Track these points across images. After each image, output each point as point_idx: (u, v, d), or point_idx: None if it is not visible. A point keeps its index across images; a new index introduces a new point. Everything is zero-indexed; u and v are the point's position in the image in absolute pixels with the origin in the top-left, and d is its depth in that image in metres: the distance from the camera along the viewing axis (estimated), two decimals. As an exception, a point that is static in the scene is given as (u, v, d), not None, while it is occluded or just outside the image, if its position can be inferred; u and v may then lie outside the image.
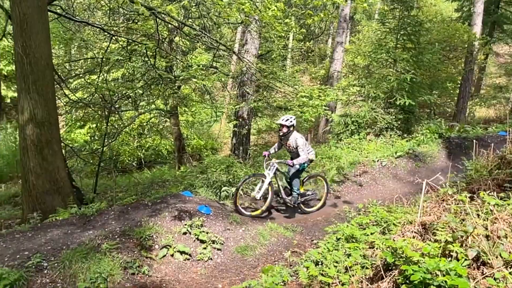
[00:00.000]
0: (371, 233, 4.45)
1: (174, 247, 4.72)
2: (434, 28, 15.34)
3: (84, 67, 14.60)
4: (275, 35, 9.40)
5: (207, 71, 9.70)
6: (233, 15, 7.73)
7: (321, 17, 6.65)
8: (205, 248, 4.85)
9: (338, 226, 4.84)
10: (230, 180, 7.34)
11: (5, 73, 16.77)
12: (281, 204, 7.11)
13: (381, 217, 4.79)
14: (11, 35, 8.42)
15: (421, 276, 2.70)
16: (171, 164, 14.81)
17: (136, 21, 11.42)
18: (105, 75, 8.97)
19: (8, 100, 18.52)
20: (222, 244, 5.04)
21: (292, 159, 6.54)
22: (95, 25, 8.37)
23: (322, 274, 3.68)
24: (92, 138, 13.73)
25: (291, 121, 6.48)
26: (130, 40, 9.83)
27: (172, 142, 15.40)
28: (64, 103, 9.06)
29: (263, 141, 17.09)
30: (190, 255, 4.73)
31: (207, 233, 5.05)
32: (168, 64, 11.93)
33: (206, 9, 10.28)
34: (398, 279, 3.00)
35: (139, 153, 15.33)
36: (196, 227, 5.04)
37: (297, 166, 6.53)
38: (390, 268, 3.27)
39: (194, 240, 4.94)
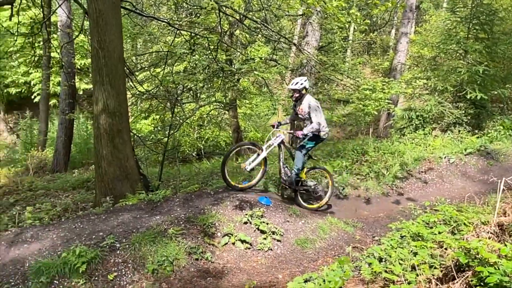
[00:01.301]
0: (439, 232, 4.25)
1: (236, 236, 4.83)
2: (509, 18, 14.17)
3: (149, 61, 15.29)
4: (337, 26, 9.19)
5: (266, 64, 9.72)
6: (295, 7, 7.68)
7: (388, 6, 6.39)
8: (265, 239, 4.90)
9: (402, 223, 4.68)
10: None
11: (78, 67, 17.94)
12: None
13: (450, 216, 4.56)
14: (86, 31, 9.05)
15: (498, 278, 2.54)
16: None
17: (199, 15, 11.75)
18: (170, 68, 9.32)
19: (81, 92, 19.90)
20: (282, 235, 5.07)
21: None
22: (162, 19, 8.72)
23: (386, 271, 3.58)
24: (156, 128, 14.39)
25: (301, 83, 5.86)
26: (193, 34, 10.13)
27: (230, 134, 15.73)
28: (132, 95, 9.57)
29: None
30: (250, 244, 4.82)
31: (267, 223, 5.10)
32: (228, 57, 12.14)
33: (266, 1, 10.31)
34: (472, 280, 2.85)
35: (199, 144, 15.80)
36: (256, 217, 5.11)
37: (310, 134, 5.82)
38: (462, 269, 3.11)
39: (255, 230, 5.02)
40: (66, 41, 10.57)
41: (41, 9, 7.63)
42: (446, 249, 3.78)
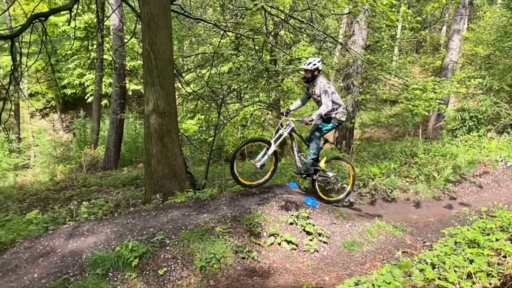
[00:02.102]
0: (497, 239, 4.02)
1: (281, 236, 4.83)
2: None
3: (195, 62, 15.64)
4: (385, 25, 8.95)
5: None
6: (342, 5, 7.56)
7: (442, 3, 6.13)
8: (311, 240, 4.86)
9: (456, 229, 4.48)
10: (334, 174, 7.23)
11: (128, 68, 18.69)
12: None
13: (509, 222, 4.30)
14: (136, 34, 9.40)
15: None
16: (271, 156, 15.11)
17: (244, 16, 11.87)
18: (216, 69, 9.48)
19: (130, 93, 20.70)
20: (328, 237, 5.01)
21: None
22: (208, 21, 8.88)
23: (440, 278, 3.44)
24: (201, 128, 14.70)
25: (314, 64, 5.58)
26: (238, 35, 10.25)
27: (273, 134, 15.73)
28: (179, 95, 9.83)
29: (368, 136, 16.50)
30: (296, 245, 4.80)
31: (313, 225, 5.06)
32: (273, 57, 12.17)
33: (311, 1, 10.23)
34: (534, 291, 2.68)
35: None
36: (302, 218, 5.08)
37: (318, 121, 5.58)
38: (524, 279, 2.94)
39: (301, 231, 4.99)
40: (118, 44, 11.02)
41: (96, 14, 8.00)
42: (504, 257, 3.58)
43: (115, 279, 4.03)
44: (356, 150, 10.31)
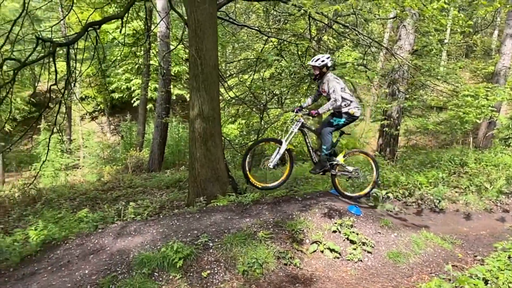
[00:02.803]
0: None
1: (324, 244, 4.76)
2: None
3: (237, 67, 15.83)
4: (434, 29, 8.65)
5: (356, 69, 9.49)
6: (389, 9, 7.39)
7: (497, 7, 5.84)
8: (355, 249, 4.77)
9: (510, 243, 4.24)
10: (379, 182, 7.05)
11: (173, 74, 19.22)
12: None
13: None
14: (182, 40, 9.66)
15: None
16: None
17: (287, 21, 11.89)
18: (259, 74, 9.54)
19: (174, 97, 21.28)
20: (373, 247, 4.88)
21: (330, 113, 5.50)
22: (253, 27, 8.98)
23: (494, 295, 3.27)
24: (242, 132, 14.82)
25: (322, 61, 5.48)
26: (281, 40, 10.28)
27: (314, 140, 15.63)
28: (222, 100, 9.97)
29: (413, 143, 15.99)
30: (339, 254, 4.72)
31: (357, 234, 4.96)
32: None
33: (356, 5, 10.05)
34: None
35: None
36: (346, 226, 4.99)
37: (329, 116, 5.46)
38: None
39: (344, 240, 4.90)
40: (165, 50, 11.37)
41: (145, 22, 8.31)
42: None
43: (160, 279, 4.13)
44: (400, 158, 10.01)
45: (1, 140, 15.22)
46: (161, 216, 5.99)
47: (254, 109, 10.38)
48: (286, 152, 5.60)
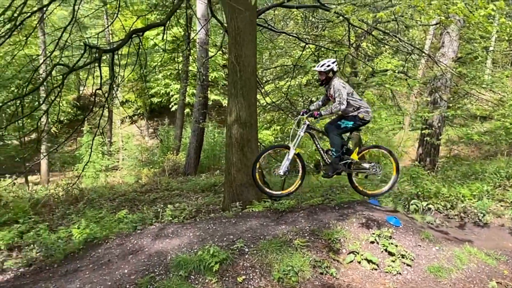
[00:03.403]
0: None
1: (362, 255, 4.66)
2: None
3: (274, 74, 15.87)
4: (480, 36, 8.33)
5: (396, 76, 9.28)
6: (433, 16, 7.17)
7: (551, 10, 5.54)
8: (393, 261, 4.63)
9: None
10: (419, 193, 6.83)
11: (210, 79, 19.52)
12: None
13: None
14: (222, 47, 9.83)
15: None
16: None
17: (325, 28, 11.82)
18: (297, 80, 9.53)
19: (210, 102, 21.60)
20: (413, 260, 4.73)
21: (339, 115, 5.29)
22: (291, 34, 8.99)
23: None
24: (277, 138, 14.81)
25: (328, 66, 5.30)
26: (318, 47, 10.23)
27: (350, 147, 15.34)
28: (258, 106, 10.02)
29: (454, 153, 15.41)
30: (377, 265, 4.60)
31: (396, 245, 4.82)
32: (354, 70, 11.94)
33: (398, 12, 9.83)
34: None
35: (317, 156, 15.75)
36: (384, 237, 4.87)
37: (336, 121, 5.31)
38: None
39: (382, 251, 4.78)
40: (204, 57, 11.58)
41: (186, 29, 8.51)
42: None
43: (197, 282, 4.18)
44: (441, 169, 9.67)
45: (47, 141, 15.97)
46: (198, 220, 6.09)
47: (290, 115, 10.36)
48: (296, 157, 5.49)
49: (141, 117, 25.67)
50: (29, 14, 6.97)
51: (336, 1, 8.95)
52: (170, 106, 21.79)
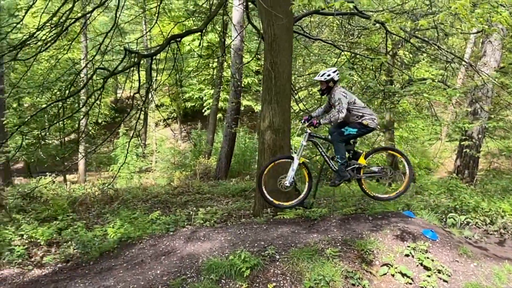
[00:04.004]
0: None
1: (396, 267, 4.54)
2: None
3: (307, 80, 15.81)
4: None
5: (434, 86, 9.03)
6: (476, 24, 6.94)
7: None
8: (429, 276, 4.48)
9: None
10: (457, 206, 6.59)
11: (243, 85, 19.69)
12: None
13: None
14: (256, 53, 9.91)
15: None
16: (381, 179, 14.44)
17: (360, 35, 11.68)
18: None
19: (242, 108, 21.78)
20: (449, 276, 4.56)
21: (342, 120, 5.23)
22: (327, 41, 8.93)
23: None
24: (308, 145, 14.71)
25: (328, 75, 5.25)
26: (354, 54, 10.11)
27: (383, 157, 15.05)
28: (291, 112, 10.00)
29: (495, 166, 14.79)
30: (412, 279, 4.46)
31: (432, 260, 4.66)
32: (390, 78, 11.71)
33: (437, 18, 9.57)
34: None
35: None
36: (420, 251, 4.72)
37: (339, 128, 5.26)
38: None
39: (417, 265, 4.63)
40: (238, 62, 11.70)
41: (222, 34, 8.63)
42: None
43: (227, 286, 4.20)
44: (481, 182, 9.30)
45: (85, 142, 16.57)
46: (229, 224, 6.13)
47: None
48: (301, 167, 5.46)
49: (174, 120, 26.19)
50: (74, 20, 7.28)
51: (373, 8, 8.82)
52: (203, 110, 22.13)
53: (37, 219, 7.45)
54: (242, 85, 18.24)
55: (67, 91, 8.35)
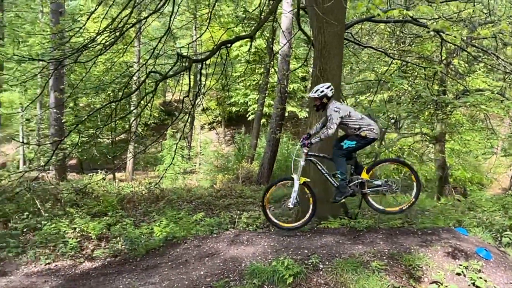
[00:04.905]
0: None
1: (446, 286, 4.32)
2: None
3: (353, 88, 15.56)
4: None
5: (492, 98, 8.58)
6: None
7: None
8: (482, 298, 4.24)
9: None
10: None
11: (288, 91, 19.71)
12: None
13: None
14: (305, 60, 9.86)
15: None
16: (429, 193, 13.89)
17: (412, 43, 11.33)
18: (379, 96, 9.24)
19: (286, 114, 21.77)
20: (504, 299, 4.29)
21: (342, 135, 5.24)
22: (378, 49, 8.75)
23: None
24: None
25: (321, 91, 5.24)
26: (405, 62, 9.83)
27: (433, 170, 14.48)
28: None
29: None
30: (463, 300, 4.24)
31: (485, 280, 4.40)
32: (443, 87, 11.27)
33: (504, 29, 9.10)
34: None
35: (395, 176, 15.06)
36: (472, 270, 4.47)
37: (339, 142, 5.27)
38: None
39: (469, 285, 4.39)
40: (285, 68, 11.72)
41: (271, 41, 8.69)
42: None
43: (270, 292, 4.19)
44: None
45: (134, 142, 17.23)
46: (272, 230, 6.12)
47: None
48: (303, 187, 5.48)
49: (219, 124, 26.65)
50: (131, 25, 7.62)
51: (429, 16, 8.53)
52: (247, 115, 22.36)
53: (89, 213, 7.81)
54: (288, 91, 18.27)
55: (120, 93, 8.73)
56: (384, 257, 4.69)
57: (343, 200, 5.56)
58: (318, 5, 5.88)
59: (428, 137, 12.62)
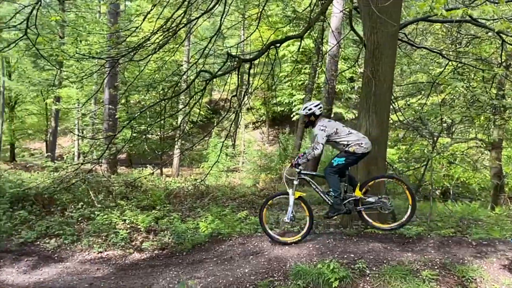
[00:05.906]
0: None
1: (502, 301, 4.10)
2: None
3: (403, 90, 15.03)
4: None
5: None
6: None
7: None
8: (543, 317, 3.97)
9: None
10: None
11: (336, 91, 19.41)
12: None
13: None
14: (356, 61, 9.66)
15: None
16: (483, 202, 13.14)
17: (469, 44, 10.78)
18: (432, 98, 8.89)
19: (332, 115, 21.45)
20: None
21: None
22: (433, 49, 8.41)
23: None
24: (401, 159, 13.97)
25: (310, 109, 5.33)
26: (462, 64, 9.37)
27: (487, 178, 13.70)
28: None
29: None
30: (523, 317, 3.99)
31: (546, 298, 4.12)
32: (501, 91, 10.66)
33: None
34: None
35: (445, 182, 14.43)
36: (532, 286, 4.20)
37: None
38: None
39: (528, 302, 4.13)
40: (333, 69, 11.56)
41: (320, 41, 8.59)
42: None
43: (314, 295, 4.16)
44: None
45: (182, 139, 17.70)
46: (317, 232, 6.07)
47: (420, 136, 9.68)
48: (298, 201, 5.47)
49: (263, 124, 26.76)
50: (183, 25, 7.82)
51: (489, 16, 8.09)
52: (291, 115, 22.27)
53: (138, 206, 8.10)
54: (335, 92, 18.00)
55: (170, 91, 8.99)
56: (436, 267, 4.51)
57: (334, 216, 5.63)
58: (374, 5, 5.74)
59: (483, 143, 11.98)
